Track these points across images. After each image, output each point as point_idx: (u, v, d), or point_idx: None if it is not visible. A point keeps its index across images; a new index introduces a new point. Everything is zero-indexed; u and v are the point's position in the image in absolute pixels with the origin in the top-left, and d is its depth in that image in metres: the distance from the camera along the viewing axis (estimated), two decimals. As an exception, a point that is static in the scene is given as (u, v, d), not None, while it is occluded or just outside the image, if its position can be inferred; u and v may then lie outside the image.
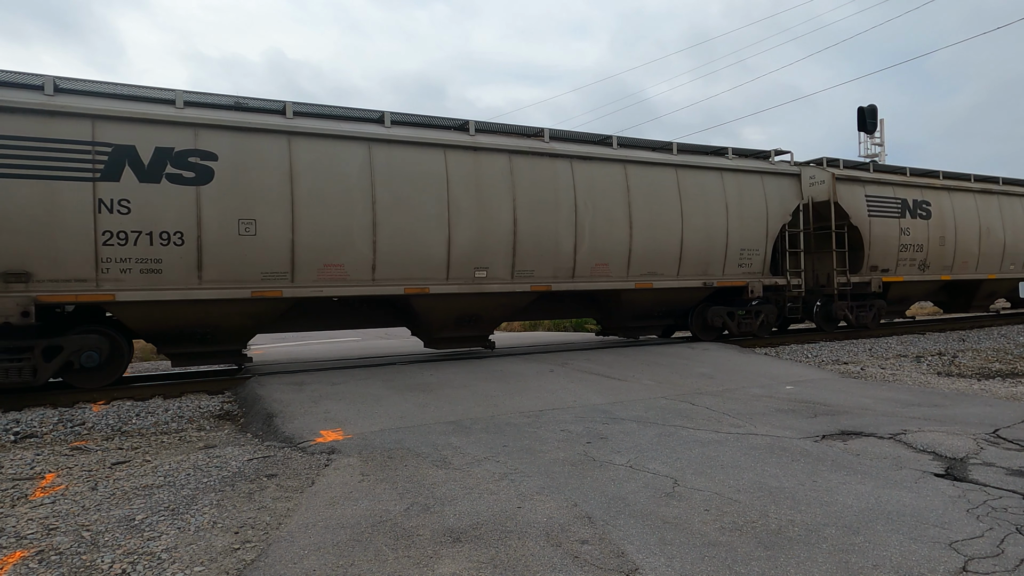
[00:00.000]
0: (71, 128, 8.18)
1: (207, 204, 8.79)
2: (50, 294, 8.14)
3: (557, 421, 6.78)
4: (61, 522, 4.16)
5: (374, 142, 9.84)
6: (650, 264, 12.21)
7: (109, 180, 8.32)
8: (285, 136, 9.28)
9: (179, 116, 8.76)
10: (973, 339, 15.48)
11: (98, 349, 8.67)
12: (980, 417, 6.76)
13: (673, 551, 3.51)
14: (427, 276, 10.22)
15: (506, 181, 10.71)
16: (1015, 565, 3.28)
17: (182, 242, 8.69)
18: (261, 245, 9.11)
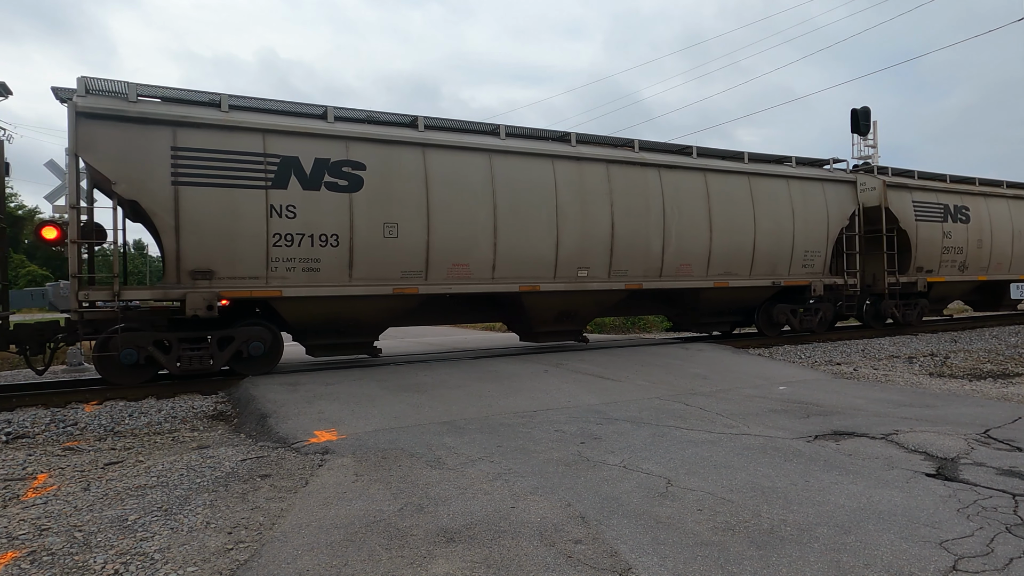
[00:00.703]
0: (246, 141, 9.25)
1: (358, 209, 9.87)
2: (230, 290, 9.18)
3: (551, 421, 6.79)
4: (53, 523, 4.14)
5: (494, 153, 10.95)
6: (726, 264, 13.30)
7: (278, 188, 9.38)
8: (420, 148, 10.35)
9: (333, 130, 9.83)
10: (965, 340, 15.57)
11: (263, 339, 9.65)
12: (971, 417, 6.81)
13: (666, 551, 3.52)
14: (538, 275, 11.33)
15: (604, 188, 11.83)
16: (1004, 564, 3.31)
17: (337, 243, 9.75)
18: (402, 246, 10.16)
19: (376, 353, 11.08)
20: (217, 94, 9.38)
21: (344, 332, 10.45)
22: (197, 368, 9.21)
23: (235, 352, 9.45)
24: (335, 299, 9.82)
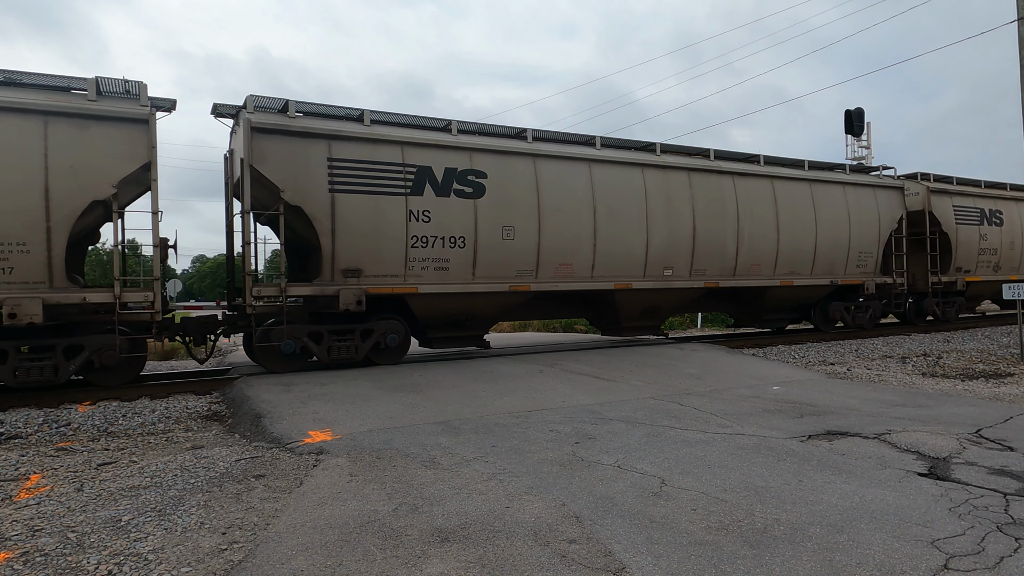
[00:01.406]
0: (388, 153, 10.26)
1: (481, 214, 10.93)
2: (374, 287, 10.19)
3: (546, 421, 6.80)
4: (46, 523, 4.13)
5: (592, 162, 12.01)
6: (791, 265, 14.51)
7: (415, 195, 10.39)
8: (531, 158, 11.45)
9: (458, 142, 10.87)
10: (958, 340, 15.66)
11: (398, 332, 10.65)
12: (963, 417, 6.85)
13: (660, 550, 3.53)
14: (630, 274, 12.45)
15: (687, 194, 12.95)
16: (995, 563, 3.33)
17: (464, 245, 10.80)
18: (517, 248, 11.24)
19: (486, 345, 12.04)
20: (359, 109, 10.45)
21: (461, 326, 11.51)
22: (344, 357, 10.22)
23: (375, 344, 10.46)
24: (459, 295, 10.90)
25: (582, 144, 12.34)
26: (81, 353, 8.70)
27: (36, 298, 8.12)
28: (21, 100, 8.16)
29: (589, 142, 12.41)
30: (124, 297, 8.82)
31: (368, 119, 10.37)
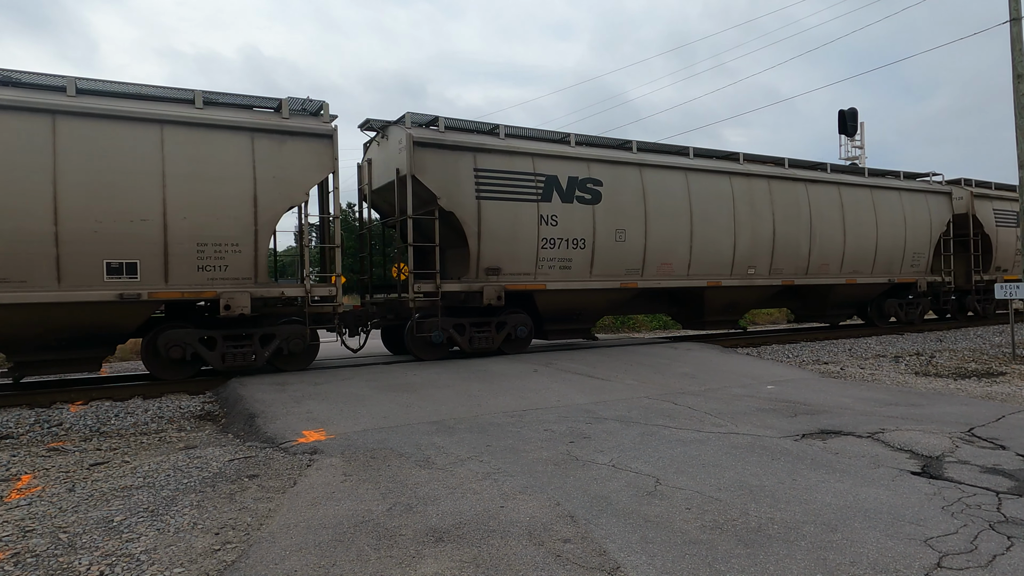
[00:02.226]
0: (521, 163, 11.48)
1: (598, 218, 12.14)
2: (511, 284, 11.42)
3: (540, 421, 6.80)
4: (37, 524, 4.10)
5: (688, 171, 13.25)
6: (855, 264, 15.91)
7: (545, 201, 11.61)
8: (638, 167, 12.71)
9: (578, 153, 12.12)
10: (950, 340, 15.74)
11: (526, 324, 11.84)
12: (956, 416, 6.88)
13: (655, 549, 3.53)
14: (719, 273, 13.69)
15: (767, 200, 14.26)
16: (988, 561, 3.35)
17: (584, 246, 12.01)
18: (627, 248, 12.46)
19: (593, 337, 13.50)
20: (493, 124, 11.73)
21: (575, 319, 12.67)
22: (483, 347, 11.43)
23: (507, 335, 11.62)
24: (579, 291, 12.09)
25: (678, 154, 13.66)
26: (273, 341, 9.81)
27: (245, 292, 9.35)
28: (234, 119, 9.35)
29: (683, 152, 13.70)
30: (313, 291, 10.00)
31: (503, 133, 11.68)
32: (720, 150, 14.25)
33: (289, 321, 10.13)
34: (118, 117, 8.63)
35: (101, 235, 8.51)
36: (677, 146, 13.67)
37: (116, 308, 8.69)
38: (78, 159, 8.39)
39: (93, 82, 8.78)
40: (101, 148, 8.52)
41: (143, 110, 8.82)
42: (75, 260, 8.40)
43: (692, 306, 14.33)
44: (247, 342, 9.62)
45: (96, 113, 8.51)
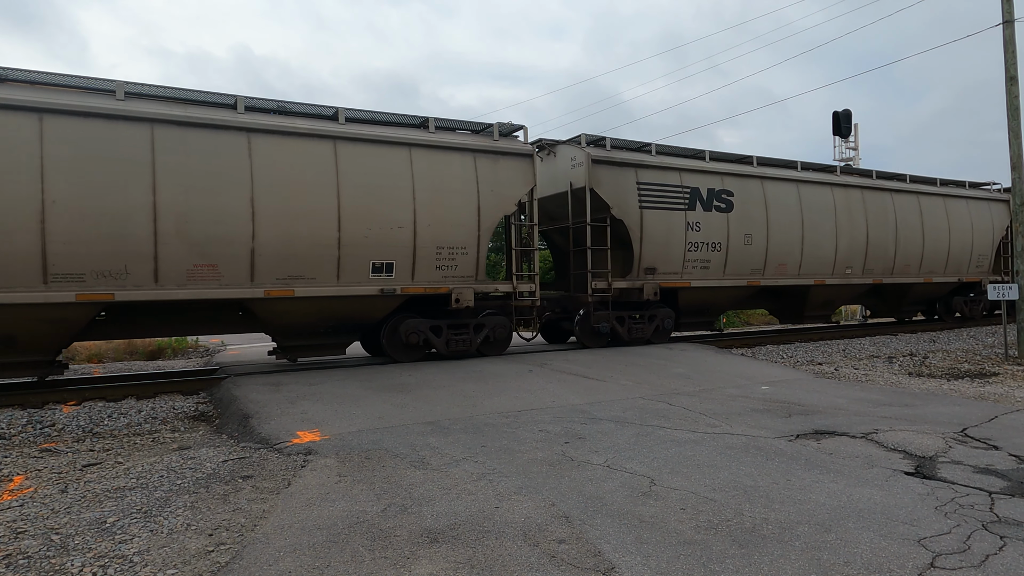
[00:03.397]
0: (671, 178, 13.33)
1: (731, 225, 13.95)
2: (664, 282, 13.21)
3: (535, 421, 6.79)
4: (30, 525, 4.07)
5: (800, 183, 15.16)
6: (930, 265, 17.82)
7: (690, 210, 13.40)
8: (760, 180, 14.52)
9: (713, 168, 13.90)
10: (943, 340, 15.82)
11: (671, 317, 13.63)
12: (949, 416, 6.91)
13: (649, 550, 3.53)
14: (823, 272, 15.53)
15: (861, 208, 16.22)
16: (981, 561, 3.36)
17: (720, 249, 13.79)
18: (753, 251, 14.25)
19: (721, 329, 15.73)
20: (643, 143, 13.42)
21: (705, 313, 14.50)
22: (639, 337, 13.23)
23: (656, 326, 13.41)
24: (714, 288, 13.84)
25: (788, 167, 15.42)
26: (483, 330, 11.52)
27: (470, 288, 11.09)
28: (461, 142, 11.09)
29: (792, 165, 15.50)
30: (518, 287, 11.82)
31: (654, 150, 13.41)
32: (820, 163, 16.19)
33: (492, 313, 11.87)
34: (379, 141, 10.38)
35: (369, 240, 10.21)
36: (787, 160, 15.40)
37: (376, 301, 10.48)
38: (353, 176, 10.07)
39: (355, 112, 10.53)
40: (369, 167, 10.23)
41: (396, 135, 10.52)
42: (350, 261, 10.11)
43: (794, 302, 16.10)
44: (465, 331, 11.36)
45: (364, 138, 10.26)
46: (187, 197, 8.94)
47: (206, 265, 9.12)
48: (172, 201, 8.86)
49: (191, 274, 9.05)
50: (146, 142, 8.78)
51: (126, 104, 8.74)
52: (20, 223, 8.08)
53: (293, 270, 9.66)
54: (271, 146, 9.55)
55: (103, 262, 8.55)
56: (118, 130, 8.63)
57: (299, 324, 10.12)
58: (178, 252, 8.93)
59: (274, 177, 9.50)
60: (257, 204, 9.36)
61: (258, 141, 9.46)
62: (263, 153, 9.48)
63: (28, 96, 8.21)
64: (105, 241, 8.51)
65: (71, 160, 8.34)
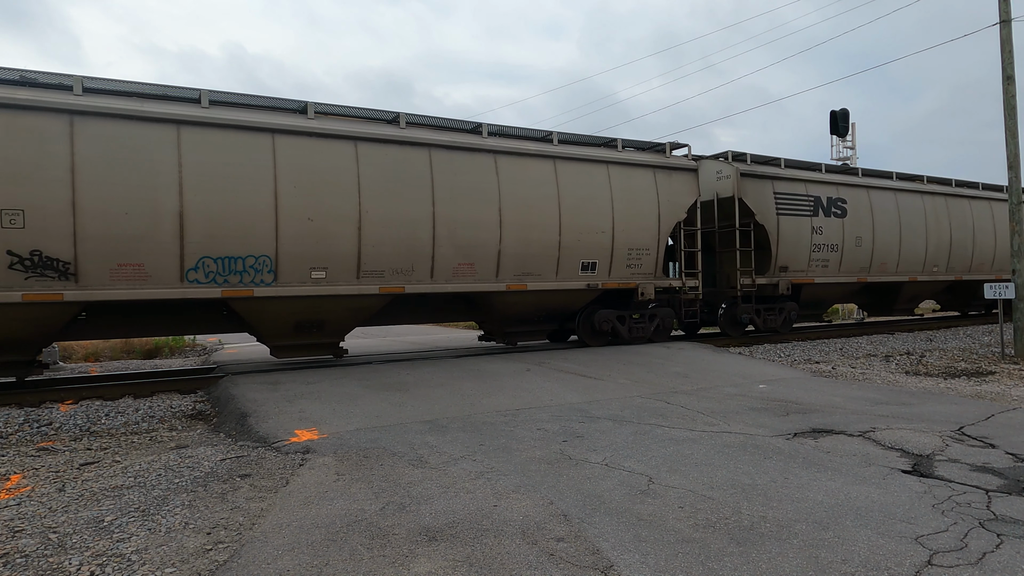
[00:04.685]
0: (799, 188, 15.18)
1: (846, 229, 15.91)
2: (794, 279, 15.08)
3: (534, 420, 6.80)
4: (27, 524, 4.06)
5: (897, 191, 17.22)
6: (1002, 263, 19.55)
7: (814, 216, 15.30)
8: (865, 189, 16.41)
9: (830, 179, 15.90)
10: (940, 339, 15.85)
11: (795, 310, 15.49)
12: (946, 415, 6.93)
13: (648, 548, 3.54)
14: (916, 270, 17.62)
15: (945, 212, 18.31)
16: (978, 559, 3.37)
17: (836, 250, 15.72)
18: (862, 252, 16.20)
19: (830, 321, 17.99)
20: (775, 156, 15.19)
21: (817, 307, 16.59)
22: (771, 326, 15.08)
23: (784, 317, 15.18)
24: (831, 284, 15.78)
25: (886, 177, 17.31)
26: (655, 320, 13.48)
27: (651, 283, 13.06)
28: (644, 159, 12.98)
29: (887, 175, 17.43)
30: (686, 283, 13.65)
31: (783, 164, 15.33)
32: (909, 173, 18.15)
33: (658, 305, 13.65)
34: (586, 160, 12.31)
35: (580, 244, 12.11)
36: (885, 171, 17.34)
37: (581, 293, 12.46)
38: (569, 190, 11.97)
39: (565, 135, 12.46)
40: (580, 182, 12.14)
41: (598, 155, 12.47)
42: (566, 261, 12.06)
43: (886, 297, 18.01)
44: (642, 320, 13.37)
45: (575, 157, 12.16)
46: (455, 208, 10.78)
47: (467, 264, 11.07)
48: (446, 212, 10.70)
49: (456, 271, 10.99)
50: (426, 164, 10.63)
51: (409, 132, 10.58)
52: (345, 231, 9.90)
53: (526, 269, 11.67)
54: (510, 165, 11.46)
55: (397, 261, 10.42)
56: (407, 153, 10.48)
57: (522, 313, 12.23)
58: (448, 253, 10.82)
59: (515, 192, 11.42)
60: (503, 215, 11.33)
61: (502, 162, 11.40)
62: (505, 172, 11.38)
63: (347, 127, 10.08)
64: (399, 244, 10.36)
65: (376, 178, 10.13)
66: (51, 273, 8.26)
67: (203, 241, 8.97)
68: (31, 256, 8.16)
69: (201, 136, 8.99)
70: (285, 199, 9.45)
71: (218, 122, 9.12)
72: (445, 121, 11.24)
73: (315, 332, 10.21)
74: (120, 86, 8.98)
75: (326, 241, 9.75)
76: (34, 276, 8.17)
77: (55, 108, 8.22)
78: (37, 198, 8.12)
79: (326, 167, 9.79)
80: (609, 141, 12.89)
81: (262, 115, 9.60)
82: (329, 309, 10.06)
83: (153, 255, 8.72)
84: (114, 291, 8.56)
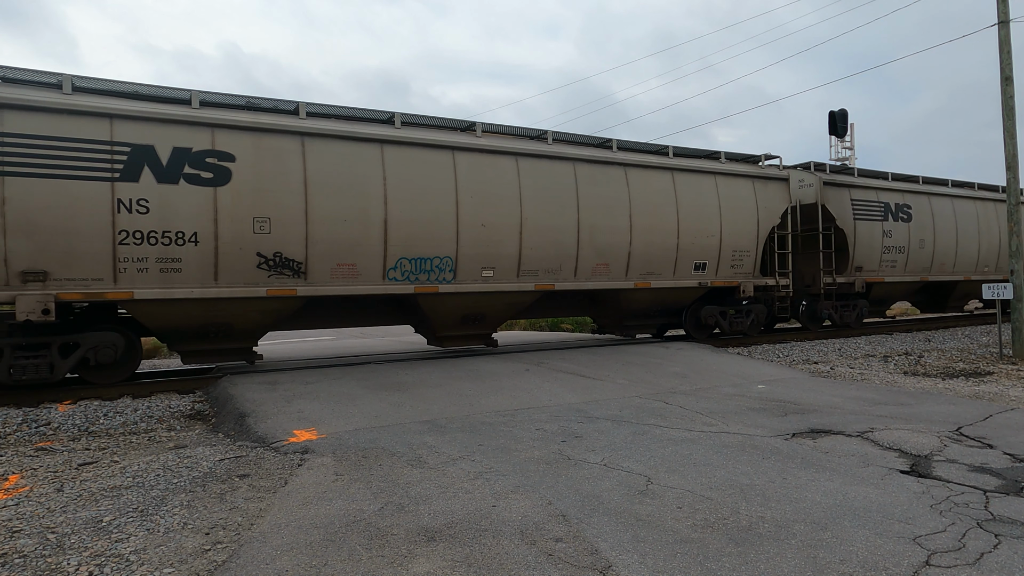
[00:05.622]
0: (871, 195, 16.57)
1: (911, 232, 17.24)
2: (869, 277, 16.39)
3: (532, 420, 6.80)
4: (25, 524, 4.06)
5: (955, 198, 18.59)
6: None
7: (884, 220, 16.69)
8: (927, 196, 17.79)
9: (895, 186, 17.17)
10: (938, 339, 15.88)
11: (866, 307, 16.93)
12: (944, 415, 6.94)
13: (646, 548, 3.54)
14: (968, 270, 18.93)
15: (995, 217, 19.69)
16: (976, 559, 3.38)
17: (903, 252, 17.06)
18: (924, 254, 17.63)
19: (894, 317, 19.78)
20: (851, 167, 16.94)
21: (884, 303, 18.26)
22: (846, 322, 16.33)
23: (857, 313, 16.50)
24: (898, 283, 17.21)
25: (943, 184, 18.73)
26: (751, 315, 14.57)
27: (751, 282, 14.31)
28: (744, 170, 14.29)
29: (943, 183, 18.88)
30: (780, 282, 14.85)
31: (856, 173, 16.89)
32: (962, 180, 19.53)
33: (753, 301, 14.68)
34: (697, 171, 13.60)
35: (694, 246, 13.40)
36: (942, 179, 18.73)
37: (692, 291, 13.76)
38: (684, 197, 13.31)
39: (680, 148, 13.77)
40: (693, 191, 13.44)
41: (706, 166, 13.77)
42: (682, 261, 13.33)
43: (941, 295, 19.41)
44: (740, 315, 14.52)
45: (689, 169, 13.49)
46: (594, 215, 12.13)
47: (603, 264, 12.45)
48: (587, 218, 12.08)
49: (594, 271, 12.37)
50: (571, 176, 12.03)
51: (556, 147, 11.99)
52: (509, 236, 11.29)
53: (649, 268, 13.05)
54: (637, 176, 12.85)
55: (548, 262, 11.80)
56: (556, 167, 11.86)
57: (643, 308, 13.60)
58: (589, 255, 12.18)
59: (641, 200, 12.76)
60: (633, 221, 12.65)
61: (631, 173, 12.79)
62: (634, 182, 12.76)
63: (508, 144, 11.44)
64: (551, 247, 11.71)
65: (533, 189, 11.52)
66: (287, 272, 9.63)
67: (401, 244, 10.36)
68: (274, 257, 9.51)
69: (399, 153, 10.38)
70: (464, 208, 10.83)
71: (411, 141, 10.51)
72: (581, 137, 12.62)
73: (476, 324, 11.73)
74: (331, 110, 10.38)
75: (494, 244, 11.18)
76: (274, 274, 9.53)
77: (290, 131, 9.65)
78: (279, 208, 9.47)
79: (495, 180, 11.20)
80: (713, 153, 14.28)
81: (442, 134, 10.99)
82: (491, 303, 11.54)
83: (364, 256, 10.10)
84: (333, 287, 9.94)
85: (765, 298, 14.96)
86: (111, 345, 8.81)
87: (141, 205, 8.60)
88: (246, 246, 9.24)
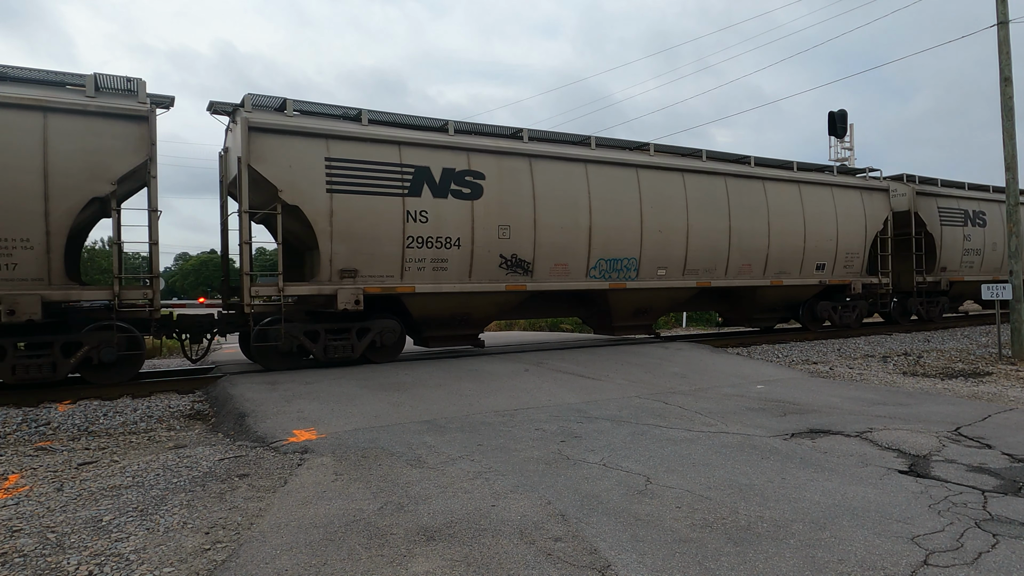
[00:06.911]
0: (953, 203, 18.45)
1: (985, 236, 19.10)
2: (952, 276, 18.33)
3: (531, 420, 6.81)
4: (25, 523, 4.07)
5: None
6: None
7: (964, 225, 18.59)
8: (997, 203, 19.33)
9: (973, 195, 19.07)
10: (937, 340, 15.88)
11: (947, 303, 18.85)
12: (943, 415, 6.95)
13: (645, 548, 3.55)
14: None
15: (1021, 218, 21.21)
16: (974, 558, 3.38)
17: (979, 254, 18.99)
18: (996, 255, 19.36)
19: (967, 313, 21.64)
20: (933, 178, 18.52)
21: (961, 299, 19.77)
22: (931, 317, 18.31)
23: (939, 308, 18.48)
24: (973, 282, 18.53)
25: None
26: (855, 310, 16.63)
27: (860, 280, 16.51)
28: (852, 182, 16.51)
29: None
30: (881, 280, 16.94)
31: (939, 183, 18.57)
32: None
33: (856, 298, 16.61)
34: (815, 184, 15.57)
35: (816, 249, 15.37)
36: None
37: (812, 288, 15.66)
38: (809, 206, 15.25)
39: (806, 163, 15.80)
40: (814, 200, 15.40)
41: (824, 179, 15.78)
42: (807, 262, 15.29)
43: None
44: (847, 309, 16.35)
45: (811, 181, 15.45)
46: (741, 222, 14.16)
47: (747, 265, 14.49)
48: (736, 224, 14.11)
49: (740, 270, 14.40)
50: (723, 189, 14.10)
51: (710, 164, 14.00)
52: (678, 240, 13.40)
53: (781, 268, 14.99)
54: (772, 188, 14.75)
55: (706, 263, 13.83)
56: (712, 181, 13.96)
57: (772, 302, 15.46)
58: (736, 256, 14.22)
59: (777, 208, 14.69)
60: (771, 227, 14.67)
61: (768, 186, 14.74)
62: (770, 194, 14.68)
63: (676, 162, 13.57)
64: (708, 250, 13.77)
65: (696, 200, 13.58)
66: (519, 270, 11.69)
67: (600, 247, 12.45)
68: (511, 258, 11.58)
69: (598, 170, 12.52)
70: (646, 216, 12.96)
71: (606, 160, 12.67)
72: (728, 155, 14.64)
73: (643, 315, 13.70)
74: (542, 134, 12.61)
75: (667, 247, 13.25)
76: (510, 272, 11.60)
77: (521, 153, 11.81)
78: (516, 217, 11.57)
79: (668, 192, 13.30)
80: (825, 167, 16.44)
81: (626, 154, 13.19)
82: (659, 298, 13.58)
83: (573, 257, 12.21)
84: (551, 283, 12.07)
85: (866, 295, 16.70)
86: (392, 330, 10.82)
87: (422, 216, 10.71)
88: (492, 249, 11.33)
